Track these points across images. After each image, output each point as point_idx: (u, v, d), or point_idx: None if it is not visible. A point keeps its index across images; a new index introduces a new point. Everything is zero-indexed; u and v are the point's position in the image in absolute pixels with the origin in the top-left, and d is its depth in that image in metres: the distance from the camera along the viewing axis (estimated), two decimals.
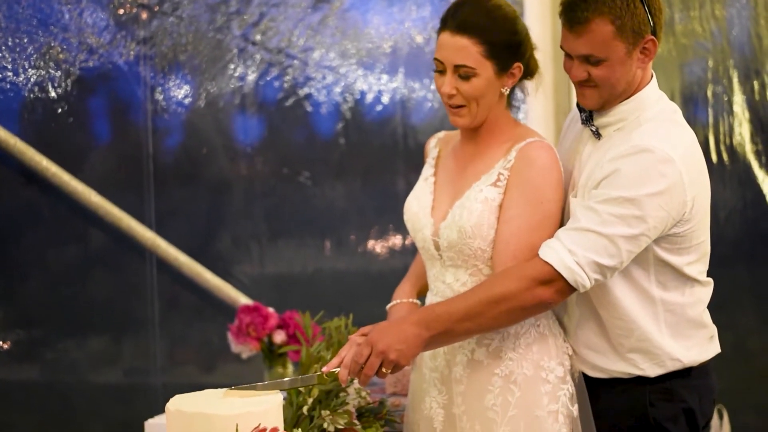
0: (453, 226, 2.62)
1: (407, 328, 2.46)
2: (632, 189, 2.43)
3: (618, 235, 2.43)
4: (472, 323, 2.48)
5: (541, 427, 2.59)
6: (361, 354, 2.44)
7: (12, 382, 4.00)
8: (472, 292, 2.51)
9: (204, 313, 4.64)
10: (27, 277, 4.10)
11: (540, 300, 2.49)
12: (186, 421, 2.21)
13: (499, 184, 2.62)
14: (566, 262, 2.45)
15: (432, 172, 2.83)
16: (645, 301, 2.58)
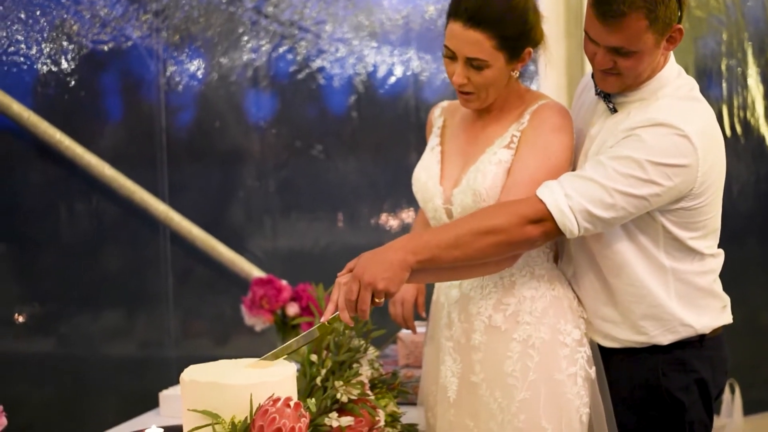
0: (467, 190, 2.62)
1: (391, 254, 2.43)
2: (643, 153, 2.43)
3: (618, 190, 2.43)
4: (459, 252, 2.46)
5: (561, 390, 2.60)
6: (351, 291, 2.41)
7: (27, 355, 4.02)
8: (462, 221, 2.51)
9: (217, 286, 4.65)
10: (41, 250, 4.12)
11: (527, 237, 2.49)
12: (200, 391, 2.21)
13: (512, 145, 2.62)
14: (560, 205, 2.45)
15: (438, 141, 2.83)
16: (655, 268, 2.58)
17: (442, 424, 2.79)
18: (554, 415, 2.59)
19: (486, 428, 2.67)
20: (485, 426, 2.67)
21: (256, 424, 2.13)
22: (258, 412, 2.15)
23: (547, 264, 2.70)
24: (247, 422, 2.15)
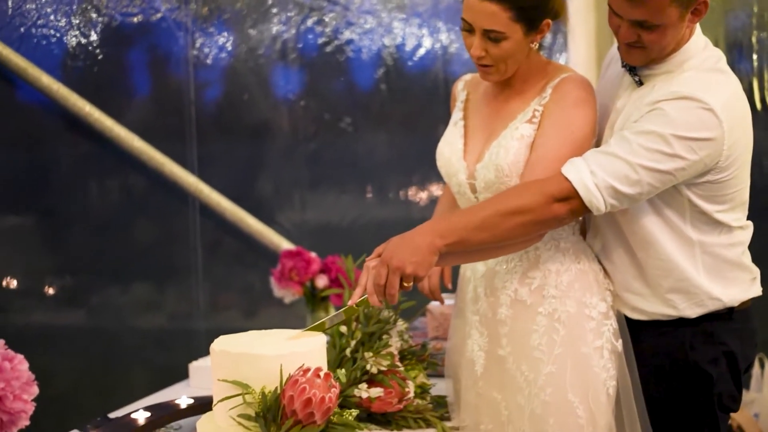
0: (490, 165, 2.61)
1: (419, 238, 2.42)
2: (667, 127, 2.41)
3: (643, 166, 2.41)
4: (486, 233, 2.46)
5: (587, 363, 2.60)
6: (380, 275, 2.41)
7: (57, 327, 4.05)
8: (489, 203, 2.50)
9: (246, 259, 4.66)
10: (71, 223, 4.13)
11: (554, 216, 2.48)
12: (231, 361, 2.22)
13: (534, 120, 2.61)
14: (585, 182, 2.44)
15: (461, 116, 2.81)
16: (682, 242, 2.57)
17: (469, 397, 2.79)
18: (581, 389, 2.59)
19: (513, 401, 2.67)
20: (512, 399, 2.67)
21: (286, 394, 2.14)
22: (288, 382, 2.15)
23: (572, 237, 2.69)
24: (277, 392, 2.16)
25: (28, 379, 1.95)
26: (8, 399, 1.90)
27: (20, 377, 1.94)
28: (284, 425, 2.13)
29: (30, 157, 3.92)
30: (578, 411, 2.57)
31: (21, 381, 1.94)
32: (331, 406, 2.15)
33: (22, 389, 1.94)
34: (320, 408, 2.13)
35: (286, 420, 2.13)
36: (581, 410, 2.57)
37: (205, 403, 2.60)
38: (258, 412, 2.16)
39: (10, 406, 1.90)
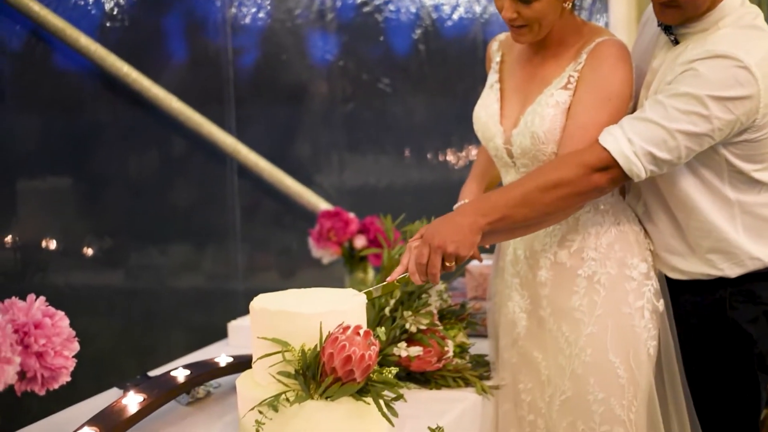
0: (525, 132, 2.59)
1: (461, 218, 2.44)
2: (702, 88, 2.37)
3: (680, 130, 2.38)
4: (528, 209, 2.46)
5: (628, 323, 2.58)
6: (422, 254, 2.43)
7: (96, 288, 4.06)
8: (528, 178, 2.49)
9: (284, 220, 4.66)
10: (109, 184, 4.14)
11: (595, 186, 2.46)
12: (270, 319, 2.22)
13: (569, 86, 2.57)
14: (624, 151, 2.41)
15: (497, 78, 2.78)
16: (721, 202, 2.54)
17: (509, 356, 2.79)
18: (621, 349, 2.58)
19: (554, 362, 2.66)
20: (553, 360, 2.66)
21: (325, 352, 2.13)
22: (328, 339, 2.15)
23: (611, 199, 2.66)
24: (317, 350, 2.16)
25: (69, 336, 1.96)
26: (49, 355, 1.91)
27: (61, 333, 1.94)
28: (324, 383, 2.13)
29: (67, 119, 3.92)
30: (619, 371, 2.56)
31: (62, 337, 1.94)
32: (370, 364, 2.15)
33: (63, 345, 1.94)
34: (360, 365, 2.12)
35: (326, 377, 2.13)
36: (622, 370, 2.56)
37: (244, 362, 2.60)
38: (298, 370, 2.16)
39: (51, 362, 1.91)
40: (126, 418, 2.23)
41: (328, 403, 2.14)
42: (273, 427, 2.15)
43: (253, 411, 2.16)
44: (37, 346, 1.89)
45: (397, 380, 2.23)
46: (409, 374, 2.68)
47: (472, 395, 2.66)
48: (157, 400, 2.35)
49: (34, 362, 1.89)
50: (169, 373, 2.50)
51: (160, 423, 2.41)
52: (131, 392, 2.35)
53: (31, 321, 1.90)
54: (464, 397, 2.63)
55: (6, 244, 3.58)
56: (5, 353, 1.78)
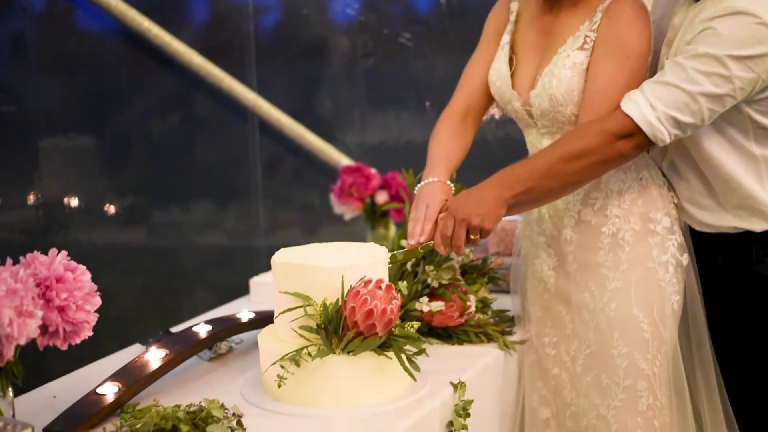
0: (543, 94, 2.56)
1: (486, 192, 2.44)
2: (722, 48, 2.33)
3: (701, 92, 2.35)
4: (553, 180, 2.45)
5: (652, 278, 2.57)
6: (446, 226, 2.44)
7: (118, 246, 4.07)
8: (551, 149, 2.47)
9: (306, 176, 4.65)
10: (130, 141, 4.14)
11: (620, 153, 2.44)
12: (292, 273, 2.21)
13: (585, 47, 2.54)
14: (647, 117, 2.39)
15: (509, 39, 2.73)
16: (746, 159, 2.51)
17: (534, 310, 2.78)
18: (646, 303, 2.56)
19: (578, 316, 2.66)
20: (577, 315, 2.66)
21: (347, 306, 2.12)
22: (350, 293, 2.14)
23: None
24: (339, 304, 2.15)
25: (91, 290, 1.95)
26: (71, 309, 1.90)
27: (83, 288, 1.93)
28: (345, 337, 2.12)
29: (89, 77, 3.91)
30: (643, 325, 2.55)
31: (83, 291, 1.93)
32: (392, 318, 2.14)
33: (85, 300, 1.93)
34: (382, 319, 2.11)
35: (348, 332, 2.12)
36: (646, 324, 2.55)
37: (266, 317, 2.60)
38: (319, 324, 2.15)
39: (72, 316, 1.90)
40: (148, 374, 2.23)
41: (349, 358, 2.13)
42: (295, 381, 2.15)
43: (275, 366, 2.16)
44: (59, 301, 1.89)
45: (419, 335, 2.22)
46: (431, 329, 2.67)
47: (494, 350, 2.65)
48: (179, 355, 2.35)
49: (56, 316, 1.89)
50: (191, 329, 2.50)
51: (182, 378, 2.41)
52: (153, 348, 2.35)
53: (52, 275, 1.90)
54: (486, 353, 2.62)
55: (29, 203, 3.59)
56: (27, 307, 1.77)
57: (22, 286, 1.78)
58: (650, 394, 2.55)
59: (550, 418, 2.75)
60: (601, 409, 2.59)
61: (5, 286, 1.75)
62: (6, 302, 1.74)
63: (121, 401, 2.13)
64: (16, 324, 1.75)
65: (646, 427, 2.55)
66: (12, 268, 1.82)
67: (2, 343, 1.75)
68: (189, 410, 1.99)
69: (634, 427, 2.56)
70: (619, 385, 2.56)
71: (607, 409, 2.58)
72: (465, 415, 2.29)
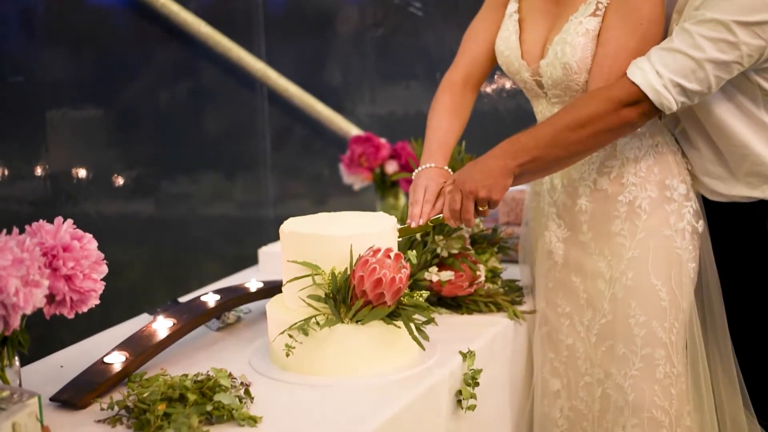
0: (556, 63, 2.52)
1: (491, 162, 2.41)
2: (729, 13, 2.30)
3: (708, 59, 2.32)
4: (559, 149, 2.42)
5: (670, 246, 2.55)
6: (454, 200, 2.43)
7: (127, 217, 4.07)
8: (557, 117, 2.44)
9: (315, 146, 4.63)
10: (138, 112, 4.12)
11: (626, 121, 2.41)
12: (300, 242, 2.19)
13: (597, 13, 2.50)
14: (653, 84, 2.36)
15: (516, 7, 2.69)
16: (757, 127, 2.49)
17: (545, 282, 2.75)
18: (663, 272, 2.54)
19: (593, 286, 2.63)
20: (592, 284, 2.63)
21: (356, 275, 2.11)
22: (358, 262, 2.13)
23: None
24: (347, 273, 2.13)
25: (98, 259, 1.94)
26: (78, 278, 1.89)
27: (89, 256, 1.92)
28: (354, 306, 2.11)
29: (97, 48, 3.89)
30: (661, 293, 2.53)
31: (90, 260, 1.92)
32: (401, 287, 2.12)
33: (92, 268, 1.92)
34: (390, 288, 2.10)
35: (356, 301, 2.11)
36: (664, 293, 2.53)
37: (274, 287, 2.59)
38: (328, 293, 2.14)
39: (79, 285, 1.89)
40: (155, 343, 2.22)
41: (358, 327, 2.12)
42: (303, 351, 2.14)
43: (283, 335, 2.15)
44: (66, 269, 1.88)
45: (428, 304, 2.21)
46: (441, 299, 2.66)
47: (503, 320, 2.63)
48: (187, 325, 2.34)
49: (62, 285, 1.88)
50: (199, 298, 2.49)
51: (191, 348, 2.41)
52: (161, 317, 2.34)
53: (59, 244, 1.89)
54: (496, 322, 2.61)
55: (36, 174, 3.58)
56: (33, 276, 1.76)
57: (29, 255, 1.77)
58: (667, 362, 2.54)
59: (561, 390, 2.73)
60: (617, 379, 2.58)
61: (11, 255, 1.74)
62: (12, 272, 1.73)
63: (128, 371, 2.12)
64: (22, 293, 1.74)
65: (663, 395, 2.54)
66: (18, 237, 1.81)
67: (8, 312, 1.74)
68: (197, 379, 1.98)
69: (651, 396, 2.54)
70: (637, 354, 2.54)
71: (624, 378, 2.56)
72: (474, 384, 2.27)
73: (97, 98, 3.89)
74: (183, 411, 1.86)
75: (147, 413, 1.88)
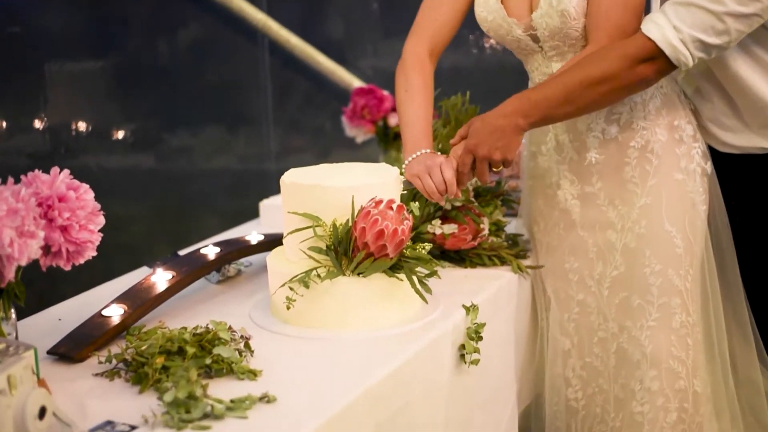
0: (552, 12, 2.46)
1: (503, 121, 2.36)
2: None
3: (728, 12, 2.26)
4: (571, 107, 2.38)
5: (681, 189, 2.52)
6: (464, 164, 2.39)
7: (127, 170, 4.03)
8: (569, 75, 2.37)
9: (317, 99, 4.59)
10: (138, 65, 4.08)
11: (641, 78, 2.36)
12: (301, 193, 2.16)
13: None
14: (670, 39, 2.30)
15: None
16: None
17: (549, 239, 2.71)
18: (677, 217, 2.51)
19: (602, 237, 2.59)
20: (601, 235, 2.59)
21: (357, 226, 2.08)
22: (360, 214, 2.09)
23: None
24: (349, 225, 2.10)
25: (94, 209, 1.90)
26: (74, 229, 1.85)
27: (85, 207, 1.88)
28: (356, 258, 2.08)
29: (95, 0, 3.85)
30: (676, 240, 2.50)
31: (86, 210, 1.88)
32: (404, 239, 2.09)
33: (88, 219, 1.88)
34: (393, 240, 2.07)
35: (358, 253, 2.08)
36: (678, 239, 2.50)
37: (275, 240, 2.56)
38: (329, 245, 2.11)
39: (75, 236, 1.85)
40: (154, 296, 2.19)
41: (360, 280, 2.09)
42: (304, 304, 2.11)
43: (284, 288, 2.12)
44: (61, 220, 1.84)
45: (431, 257, 2.17)
46: (444, 252, 2.63)
47: (507, 274, 2.60)
48: (187, 277, 2.31)
49: (58, 236, 1.84)
50: (198, 251, 2.46)
51: (191, 301, 2.38)
52: (160, 270, 2.31)
53: (54, 194, 1.85)
54: (500, 276, 2.58)
55: (35, 126, 3.54)
56: (28, 227, 1.73)
57: (23, 205, 1.73)
58: (683, 311, 2.51)
59: (571, 349, 2.69)
60: (633, 331, 2.54)
61: (6, 205, 1.70)
62: (6, 222, 1.69)
63: (126, 323, 2.09)
64: (17, 244, 1.70)
65: (680, 345, 2.51)
66: (13, 187, 1.78)
67: (3, 263, 1.70)
68: (196, 332, 1.95)
69: (668, 346, 2.51)
70: (653, 304, 2.51)
71: (640, 330, 2.53)
72: (477, 339, 2.25)
73: (95, 50, 3.85)
74: (181, 364, 1.83)
75: (145, 366, 1.86)
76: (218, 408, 1.71)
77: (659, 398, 2.51)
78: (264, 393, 1.77)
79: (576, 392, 2.69)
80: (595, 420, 2.66)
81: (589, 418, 2.68)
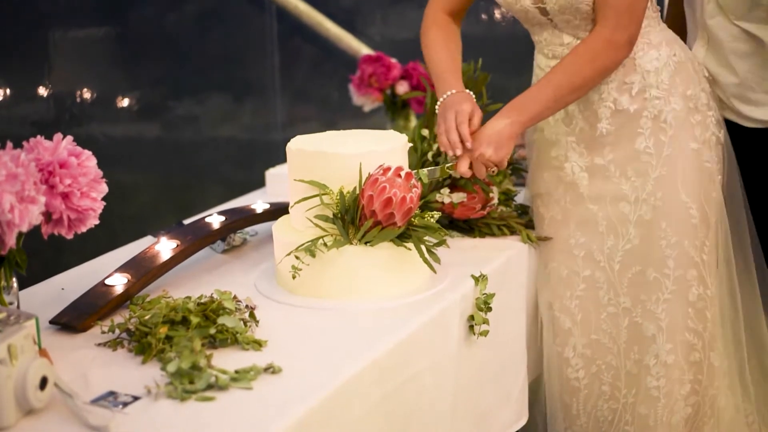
0: None
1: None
2: None
3: None
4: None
5: (698, 160, 2.48)
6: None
7: (133, 139, 4.01)
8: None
9: (324, 67, 4.55)
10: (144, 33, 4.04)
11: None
12: (307, 160, 2.12)
13: None
14: None
15: None
16: None
17: (555, 214, 2.64)
18: (694, 187, 2.47)
19: (614, 210, 2.54)
20: (613, 208, 2.54)
21: (365, 194, 2.04)
22: (367, 181, 2.05)
23: (659, 27, 2.53)
24: (356, 192, 2.06)
25: (96, 176, 1.87)
26: (75, 196, 1.82)
27: (87, 174, 1.85)
28: (363, 226, 2.05)
29: None
30: (692, 211, 2.46)
31: (88, 178, 1.85)
32: (412, 207, 2.05)
33: (90, 186, 1.85)
34: (401, 209, 2.03)
35: (365, 221, 2.04)
36: (694, 210, 2.46)
37: (281, 208, 2.52)
38: (336, 213, 2.08)
39: (77, 203, 1.82)
40: (158, 265, 2.16)
41: (367, 249, 2.06)
42: (310, 273, 2.08)
43: (290, 257, 2.08)
44: (63, 187, 1.81)
45: (440, 226, 2.14)
46: (452, 222, 2.59)
47: (517, 244, 2.57)
48: (191, 246, 2.28)
49: (59, 203, 1.81)
50: (203, 220, 2.43)
51: (196, 270, 2.35)
52: (164, 238, 2.27)
53: (56, 160, 1.82)
54: (509, 246, 2.54)
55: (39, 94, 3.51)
56: (28, 192, 1.69)
57: (23, 170, 1.69)
58: (700, 283, 2.47)
59: (572, 327, 2.64)
60: (648, 305, 2.50)
61: (5, 170, 1.67)
62: (6, 187, 1.66)
63: (130, 293, 2.06)
64: (17, 210, 1.67)
65: (697, 318, 2.48)
66: (13, 152, 1.74)
67: (3, 230, 1.67)
68: (200, 302, 1.93)
69: (684, 319, 2.48)
70: (669, 277, 2.47)
71: (656, 303, 2.49)
72: (486, 309, 2.22)
73: (101, 17, 3.82)
74: (185, 334, 1.81)
75: (148, 336, 1.83)
76: (222, 379, 1.68)
77: (675, 371, 2.48)
78: (269, 363, 1.75)
79: (577, 371, 2.64)
80: (601, 398, 2.62)
81: (592, 397, 2.63)
